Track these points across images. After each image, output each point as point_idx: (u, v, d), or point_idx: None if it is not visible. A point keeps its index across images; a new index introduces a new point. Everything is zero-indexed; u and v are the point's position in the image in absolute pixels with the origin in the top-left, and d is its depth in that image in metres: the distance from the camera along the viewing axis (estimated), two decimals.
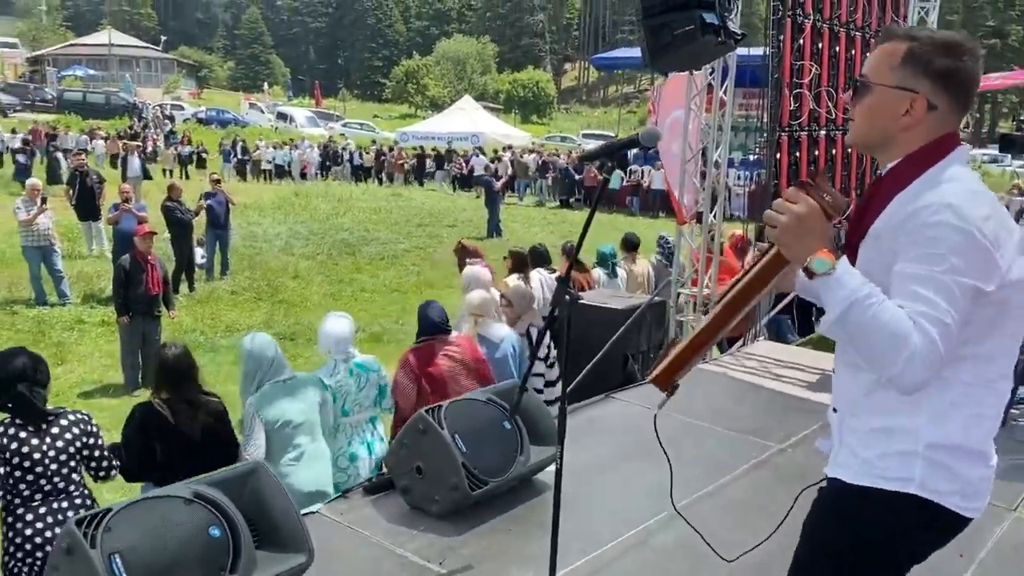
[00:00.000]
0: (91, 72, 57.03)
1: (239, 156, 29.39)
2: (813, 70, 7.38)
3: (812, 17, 7.23)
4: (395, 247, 16.03)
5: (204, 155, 28.59)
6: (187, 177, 25.71)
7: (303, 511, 3.29)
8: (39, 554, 3.40)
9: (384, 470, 3.98)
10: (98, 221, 13.25)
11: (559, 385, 5.82)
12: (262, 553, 2.85)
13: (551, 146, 39.37)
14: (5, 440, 3.43)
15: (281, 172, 29.06)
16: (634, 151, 23.07)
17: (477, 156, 29.06)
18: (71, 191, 13.27)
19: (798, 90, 6.92)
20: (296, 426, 4.02)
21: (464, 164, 29.33)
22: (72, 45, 66.43)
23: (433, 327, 4.60)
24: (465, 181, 27.91)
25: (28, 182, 11.22)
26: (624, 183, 24.96)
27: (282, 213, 18.82)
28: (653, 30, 5.79)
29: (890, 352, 1.58)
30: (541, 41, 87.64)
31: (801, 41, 7.16)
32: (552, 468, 3.95)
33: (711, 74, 7.10)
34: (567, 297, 2.47)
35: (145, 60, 67.02)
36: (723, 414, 5.27)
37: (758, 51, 7.36)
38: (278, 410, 4.00)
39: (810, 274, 1.65)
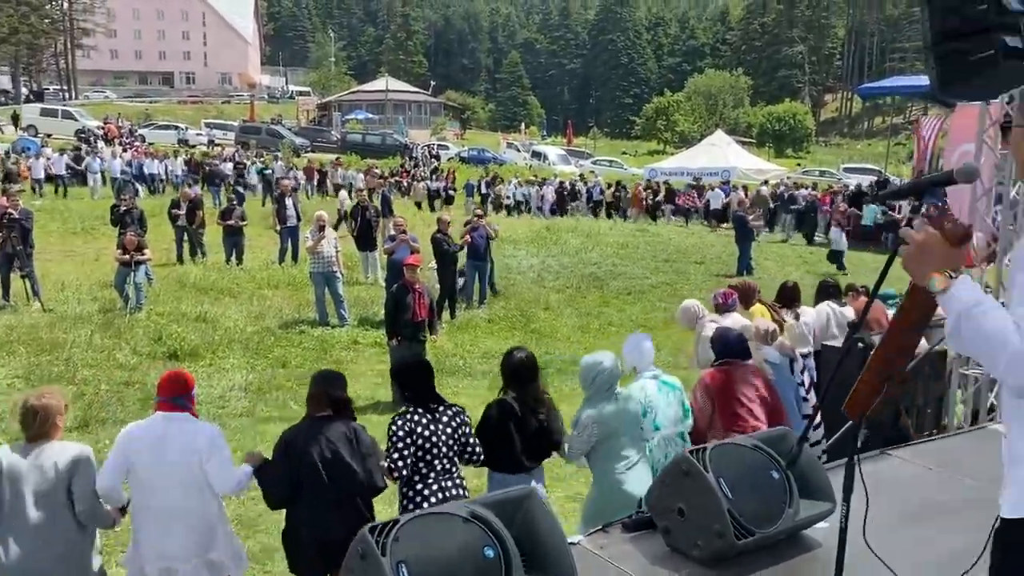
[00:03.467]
0: (370, 115, 62.88)
1: (482, 191, 30.96)
2: None
3: None
4: (642, 282, 16.01)
5: (452, 192, 30.41)
6: (433, 210, 27.65)
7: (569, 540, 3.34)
8: None
9: (644, 508, 3.94)
10: (374, 251, 14.49)
11: (822, 428, 5.52)
12: None
13: (808, 180, 37.52)
14: (411, 425, 4.08)
15: (520, 207, 30.37)
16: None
17: (713, 190, 28.44)
18: (352, 224, 14.64)
19: None
20: (625, 436, 4.47)
21: (697, 197, 28.75)
22: (354, 92, 73.76)
23: (730, 351, 4.80)
24: (712, 216, 27.25)
25: (315, 213, 12.41)
26: (880, 219, 23.29)
27: (535, 247, 19.50)
28: (943, 57, 5.31)
29: (994, 354, 1.74)
30: (799, 72, 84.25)
31: None
32: (822, 525, 3.73)
33: (1009, 103, 6.41)
34: (861, 344, 2.32)
35: (416, 104, 72.91)
36: None
37: None
38: (609, 421, 4.44)
39: (932, 295, 1.89)
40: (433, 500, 4.09)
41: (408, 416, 4.19)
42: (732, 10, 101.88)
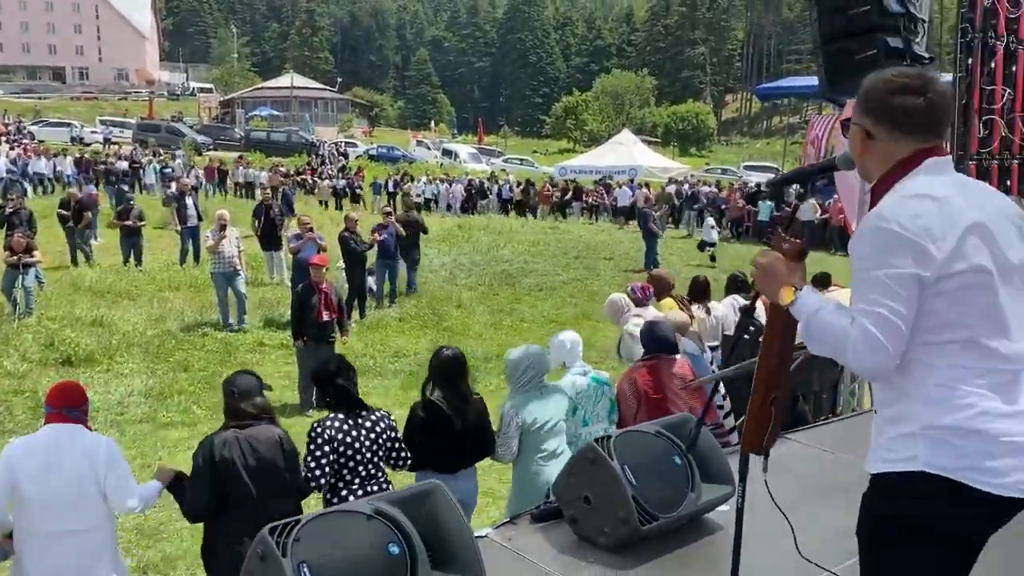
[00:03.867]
0: (275, 113, 61.39)
1: (390, 190, 30.75)
2: (1006, 95, 6.86)
3: (1005, 39, 6.74)
4: (553, 279, 16.16)
5: (359, 190, 30.22)
6: (340, 209, 27.37)
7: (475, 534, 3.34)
8: None
9: (552, 498, 3.97)
10: (279, 251, 14.17)
11: (730, 419, 5.67)
12: (437, 574, 2.90)
13: (710, 178, 38.66)
14: (331, 432, 3.94)
15: (428, 205, 30.24)
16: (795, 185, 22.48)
17: (621, 188, 29.05)
18: (256, 223, 14.28)
19: (989, 116, 6.44)
20: (548, 429, 4.48)
21: (605, 195, 29.29)
22: (259, 88, 71.88)
23: (659, 345, 4.80)
24: (620, 213, 27.77)
25: (217, 212, 12.02)
26: (774, 214, 24.28)
27: (446, 245, 19.44)
28: (832, 56, 5.57)
29: (839, 347, 1.92)
30: (701, 73, 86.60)
31: (992, 64, 6.68)
32: (723, 508, 3.83)
33: None
34: (752, 328, 2.38)
35: (323, 101, 71.54)
36: None
37: (944, 77, 6.93)
38: (534, 413, 4.47)
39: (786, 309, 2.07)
40: None
41: (328, 422, 4.01)
42: (637, 11, 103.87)
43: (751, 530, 3.03)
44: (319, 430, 3.98)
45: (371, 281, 12.97)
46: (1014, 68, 6.90)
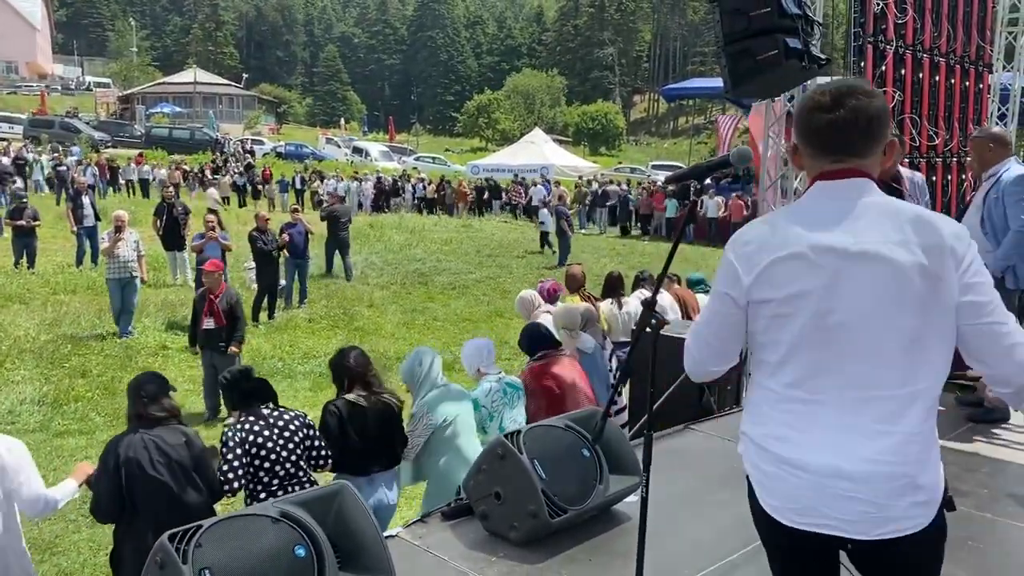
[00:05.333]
0: (177, 109, 59.36)
1: (297, 187, 30.25)
2: (896, 97, 7.21)
3: (894, 44, 7.09)
4: (466, 277, 16.16)
5: (260, 187, 29.74)
6: (243, 205, 26.67)
7: (384, 534, 3.31)
8: None
9: (462, 495, 3.97)
10: (183, 251, 13.71)
11: (626, 412, 5.79)
12: (345, 575, 2.87)
13: (620, 177, 39.37)
14: (243, 434, 3.91)
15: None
16: (708, 181, 23.30)
17: (535, 186, 29.35)
18: (158, 222, 13.77)
19: None
20: (458, 428, 4.46)
21: (523, 194, 29.56)
22: (160, 84, 69.32)
23: (547, 342, 4.92)
24: (533, 211, 28.03)
25: (114, 213, 11.43)
26: (679, 211, 25.00)
27: (357, 244, 19.19)
28: (734, 56, 5.71)
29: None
30: (610, 74, 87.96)
31: (883, 68, 7.01)
32: (631, 499, 3.91)
33: (790, 101, 7.00)
34: (653, 321, 2.44)
35: (228, 97, 69.52)
36: None
37: (837, 79, 7.23)
38: (443, 412, 4.46)
39: None
40: None
41: (240, 424, 3.97)
42: (547, 12, 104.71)
43: (659, 520, 3.11)
44: (229, 432, 3.93)
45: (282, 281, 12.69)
46: (903, 71, 7.27)
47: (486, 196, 30.40)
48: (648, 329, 2.55)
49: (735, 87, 5.90)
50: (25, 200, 15.19)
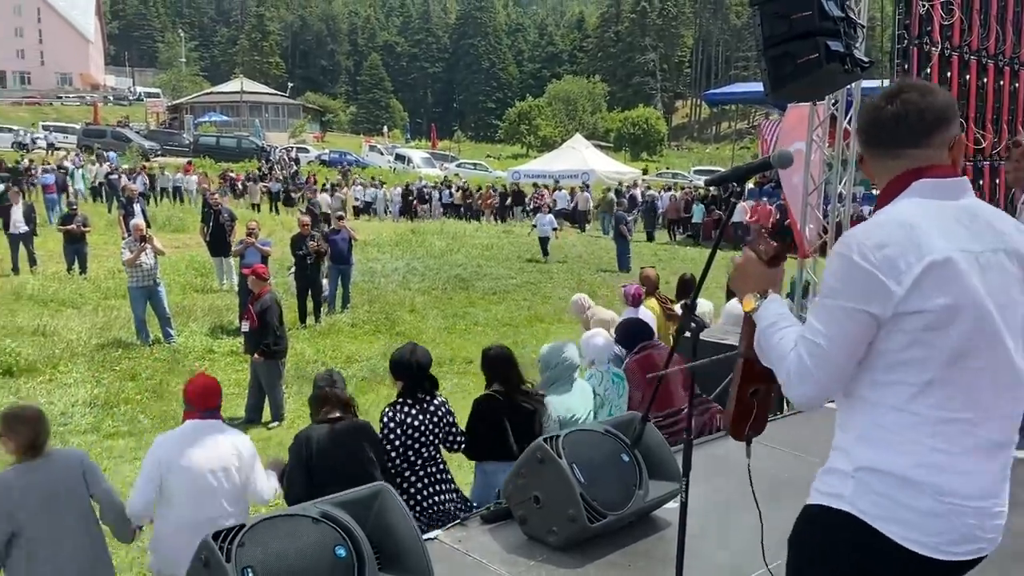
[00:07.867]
0: (224, 118, 60.46)
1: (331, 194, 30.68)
2: None
3: (940, 45, 6.95)
4: (507, 282, 16.18)
5: (293, 194, 30.18)
6: (276, 212, 27.01)
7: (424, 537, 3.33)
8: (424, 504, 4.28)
9: (501, 499, 3.98)
10: (228, 256, 13.94)
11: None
12: None
13: (661, 183, 39.20)
14: (401, 416, 4.23)
15: (368, 210, 30.50)
16: (750, 186, 23.24)
17: (559, 192, 29.49)
18: (205, 228, 14.04)
19: None
20: (581, 422, 4.61)
21: (546, 198, 29.64)
22: (208, 93, 70.73)
23: (645, 335, 5.20)
24: (558, 217, 28.01)
25: (132, 223, 11.47)
26: (706, 217, 25.07)
27: (399, 250, 19.35)
28: (775, 60, 5.66)
29: (779, 370, 1.88)
30: (652, 79, 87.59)
31: (928, 70, 6.88)
32: (672, 505, 3.88)
33: (834, 105, 6.91)
34: (693, 324, 2.43)
35: (273, 106, 70.67)
36: None
37: (882, 82, 7.12)
38: (567, 406, 4.69)
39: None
40: (420, 486, 4.27)
41: (398, 407, 4.30)
42: (588, 18, 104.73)
43: (700, 526, 3.08)
44: (391, 413, 4.28)
45: (324, 285, 12.82)
46: (948, 74, 7.12)
47: (508, 202, 30.54)
48: (687, 333, 2.52)
49: (775, 90, 5.84)
50: (75, 207, 15.62)
